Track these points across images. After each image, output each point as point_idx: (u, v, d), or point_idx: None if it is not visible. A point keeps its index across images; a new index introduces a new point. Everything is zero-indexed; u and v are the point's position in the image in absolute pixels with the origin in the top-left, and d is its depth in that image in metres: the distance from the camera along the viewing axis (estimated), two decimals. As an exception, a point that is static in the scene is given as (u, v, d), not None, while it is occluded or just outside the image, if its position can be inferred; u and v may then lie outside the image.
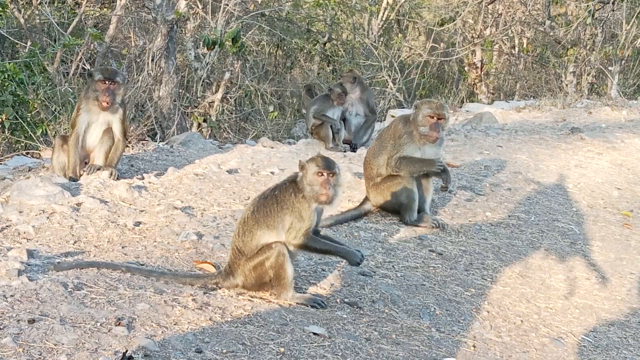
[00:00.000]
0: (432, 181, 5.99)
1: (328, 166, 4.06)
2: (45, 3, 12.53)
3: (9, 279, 3.81)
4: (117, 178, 6.09)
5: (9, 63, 9.28)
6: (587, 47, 16.12)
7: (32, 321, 3.36)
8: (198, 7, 12.96)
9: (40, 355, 3.13)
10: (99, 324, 3.44)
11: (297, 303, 4.08)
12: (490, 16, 17.64)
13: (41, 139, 8.58)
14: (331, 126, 8.48)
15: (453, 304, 4.60)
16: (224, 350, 3.44)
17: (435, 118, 5.64)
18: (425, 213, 5.89)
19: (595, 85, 16.60)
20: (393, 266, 4.97)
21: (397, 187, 5.77)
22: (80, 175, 6.20)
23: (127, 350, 3.15)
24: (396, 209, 5.86)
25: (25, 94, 9.39)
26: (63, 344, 3.23)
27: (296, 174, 4.13)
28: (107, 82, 6.08)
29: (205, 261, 4.49)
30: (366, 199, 6.02)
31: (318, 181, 4.03)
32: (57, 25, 11.97)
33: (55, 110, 9.25)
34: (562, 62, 16.46)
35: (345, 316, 4.12)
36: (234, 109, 13.64)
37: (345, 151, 8.43)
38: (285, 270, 4.01)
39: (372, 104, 9.14)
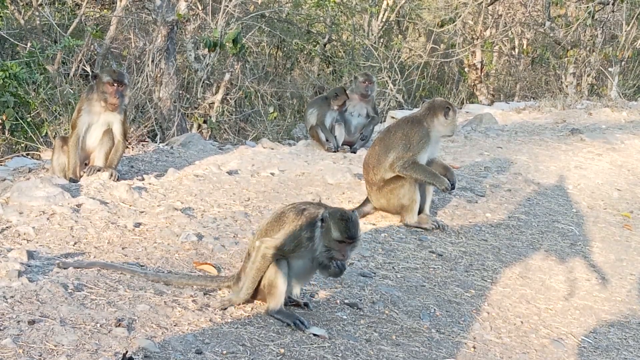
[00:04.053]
0: None
1: (352, 236, 3.83)
2: (46, 4, 12.53)
3: (9, 280, 3.81)
4: (117, 179, 6.09)
5: (10, 62, 9.28)
6: (587, 48, 16.12)
7: (32, 322, 3.36)
8: (198, 8, 12.97)
9: (40, 356, 3.13)
10: (99, 325, 3.44)
11: (276, 317, 3.94)
12: (490, 17, 17.65)
13: (41, 140, 8.58)
14: (323, 131, 8.51)
15: (453, 305, 4.60)
16: (224, 352, 3.45)
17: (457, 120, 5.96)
18: (425, 214, 5.90)
19: (595, 87, 16.60)
20: (393, 267, 4.98)
21: (400, 190, 5.78)
22: (81, 177, 6.20)
23: (127, 352, 3.16)
24: (398, 211, 5.87)
25: (26, 94, 9.39)
26: (63, 345, 3.23)
27: (316, 217, 3.84)
28: (115, 84, 6.10)
29: (206, 262, 4.49)
30: (366, 201, 6.02)
31: (337, 246, 3.82)
32: (57, 26, 11.98)
33: (55, 111, 9.25)
34: (562, 63, 16.46)
35: (345, 317, 4.12)
36: (234, 110, 13.65)
37: (335, 151, 8.42)
38: (277, 279, 3.88)
39: (375, 105, 9.14)
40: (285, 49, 16.91)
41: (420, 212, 5.87)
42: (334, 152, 8.37)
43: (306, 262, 3.93)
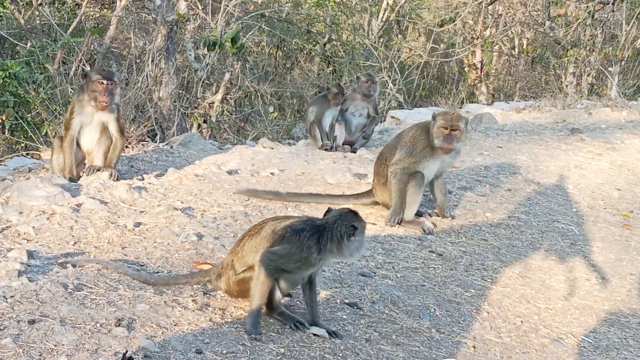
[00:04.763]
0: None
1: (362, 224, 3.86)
2: (45, 4, 12.53)
3: (9, 279, 3.81)
4: (117, 179, 6.08)
5: (10, 62, 9.28)
6: (587, 48, 16.13)
7: (32, 322, 3.36)
8: (198, 8, 12.98)
9: (40, 356, 3.13)
10: (99, 325, 3.44)
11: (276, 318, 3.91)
12: (490, 17, 17.66)
13: (41, 140, 8.58)
14: (319, 128, 8.52)
15: (453, 305, 4.60)
16: (224, 351, 3.45)
17: (448, 129, 5.63)
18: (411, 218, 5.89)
19: (595, 86, 16.61)
20: (393, 267, 4.97)
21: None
22: (80, 177, 6.19)
23: (127, 351, 3.16)
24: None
25: (26, 93, 9.39)
26: (63, 344, 3.23)
27: (320, 228, 3.79)
28: (104, 82, 6.04)
29: (205, 262, 4.49)
30: (365, 194, 6.04)
31: (362, 245, 3.85)
32: (57, 26, 11.97)
33: (55, 110, 9.25)
34: (562, 62, 16.47)
35: (345, 317, 4.13)
36: (234, 109, 13.65)
37: (329, 149, 8.42)
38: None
39: (376, 105, 9.14)
40: (285, 48, 16.91)
41: (419, 214, 5.91)
42: (327, 150, 8.34)
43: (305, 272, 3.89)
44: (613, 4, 15.31)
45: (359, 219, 3.84)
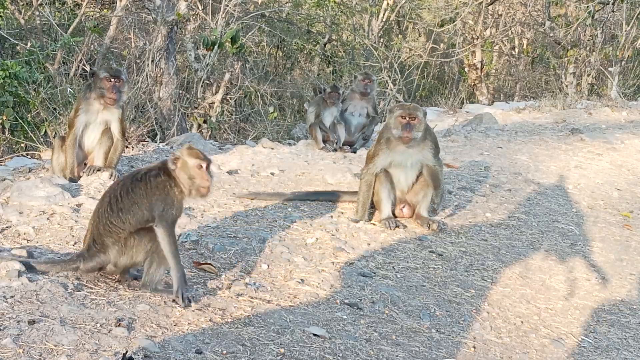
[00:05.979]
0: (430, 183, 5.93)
1: (206, 157, 4.05)
2: (46, 4, 12.53)
3: (9, 279, 3.81)
4: (117, 179, 6.08)
5: (10, 62, 9.28)
6: (587, 48, 16.14)
7: (32, 322, 3.36)
8: (198, 8, 12.98)
9: (40, 356, 3.13)
10: (99, 325, 3.44)
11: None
12: (490, 17, 17.66)
13: (41, 140, 8.58)
14: (321, 128, 8.54)
15: (453, 305, 4.60)
16: (224, 351, 3.45)
17: (407, 118, 5.58)
18: (420, 214, 5.87)
19: (595, 86, 16.62)
20: (393, 267, 4.98)
21: (375, 186, 5.79)
22: (80, 176, 6.19)
23: (127, 351, 3.16)
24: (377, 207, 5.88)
25: (26, 93, 9.39)
26: (63, 344, 3.23)
27: (165, 163, 4.00)
28: (112, 80, 6.07)
29: (206, 262, 4.48)
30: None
31: (199, 174, 3.97)
32: (57, 26, 11.97)
33: (55, 110, 9.25)
34: (562, 63, 16.47)
35: (345, 317, 4.13)
36: (234, 109, 13.65)
37: (335, 150, 8.44)
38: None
39: (375, 104, 9.15)
40: (285, 48, 16.91)
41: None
42: (333, 151, 8.37)
43: None
44: (613, 4, 15.31)
45: (188, 151, 3.98)
